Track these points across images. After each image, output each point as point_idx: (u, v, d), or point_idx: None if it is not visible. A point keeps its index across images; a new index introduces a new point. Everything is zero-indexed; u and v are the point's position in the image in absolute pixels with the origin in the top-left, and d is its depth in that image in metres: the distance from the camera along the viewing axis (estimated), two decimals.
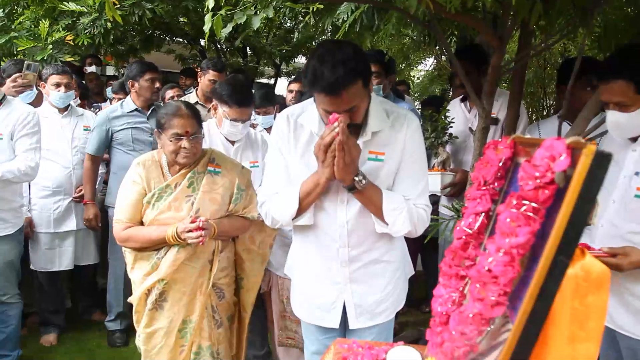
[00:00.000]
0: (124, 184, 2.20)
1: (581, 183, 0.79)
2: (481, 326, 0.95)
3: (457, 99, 3.17)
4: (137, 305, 2.21)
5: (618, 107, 1.68)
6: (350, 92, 1.58)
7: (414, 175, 1.77)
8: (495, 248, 0.90)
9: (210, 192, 2.19)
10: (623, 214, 1.73)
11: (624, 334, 1.78)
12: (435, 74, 11.85)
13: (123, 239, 2.16)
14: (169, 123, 2.11)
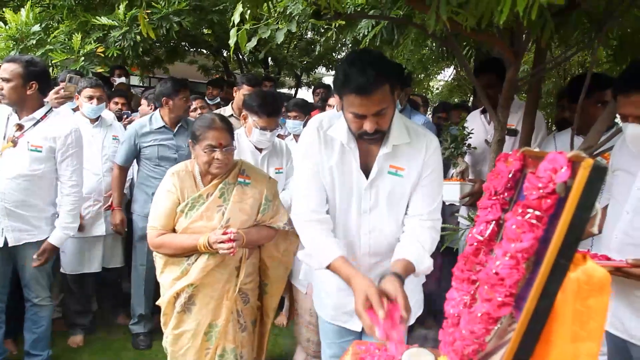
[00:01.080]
0: (158, 193, 2.27)
1: (580, 193, 0.87)
2: (489, 325, 1.02)
3: (477, 111, 3.22)
4: (165, 307, 2.28)
5: (638, 120, 1.71)
6: (379, 94, 1.60)
7: (431, 193, 1.82)
8: (502, 252, 0.98)
9: (240, 202, 2.26)
10: (638, 224, 1.76)
11: (637, 344, 1.81)
12: (454, 84, 11.89)
13: (157, 245, 2.23)
14: (203, 135, 2.19)
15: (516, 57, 2.31)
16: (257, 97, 2.90)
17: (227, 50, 7.43)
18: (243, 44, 2.74)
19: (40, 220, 2.76)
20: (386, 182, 1.80)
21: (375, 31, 2.95)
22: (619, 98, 1.74)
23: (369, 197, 1.82)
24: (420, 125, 1.92)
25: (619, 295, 1.79)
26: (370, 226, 1.86)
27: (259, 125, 2.85)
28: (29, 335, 2.89)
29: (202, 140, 2.19)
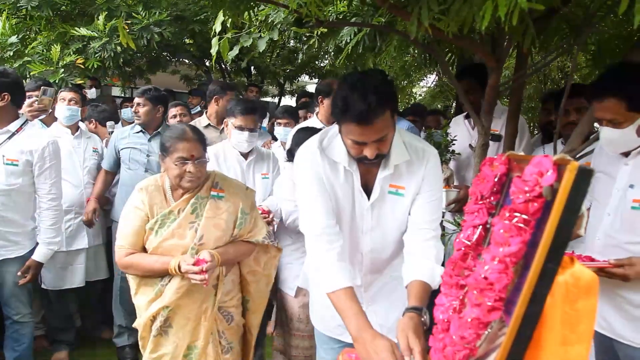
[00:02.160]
0: (126, 210, 2.17)
1: (566, 196, 0.87)
2: (479, 330, 1.02)
3: (460, 116, 3.24)
4: (142, 331, 2.18)
5: (611, 124, 1.75)
6: (381, 121, 1.54)
7: (431, 205, 1.77)
8: (491, 257, 0.98)
9: (214, 217, 2.14)
10: (619, 226, 1.79)
11: (623, 342, 1.83)
12: (437, 91, 12.00)
13: (125, 265, 2.13)
14: (174, 146, 2.08)
15: (498, 63, 2.33)
16: (233, 100, 3.01)
17: (209, 60, 7.41)
18: (225, 52, 2.73)
19: (19, 235, 2.69)
20: (387, 202, 1.77)
21: (357, 38, 2.96)
22: (594, 103, 1.79)
23: (370, 217, 1.78)
24: (416, 138, 1.86)
25: (604, 295, 1.81)
26: (371, 245, 1.83)
27: (235, 125, 2.88)
28: (10, 354, 2.80)
29: (173, 153, 2.08)
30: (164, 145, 2.13)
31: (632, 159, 1.79)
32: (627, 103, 1.69)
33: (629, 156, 1.80)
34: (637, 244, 1.74)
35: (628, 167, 1.79)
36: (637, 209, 1.72)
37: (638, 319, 1.78)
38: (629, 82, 1.70)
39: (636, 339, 1.79)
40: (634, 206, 1.72)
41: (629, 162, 1.79)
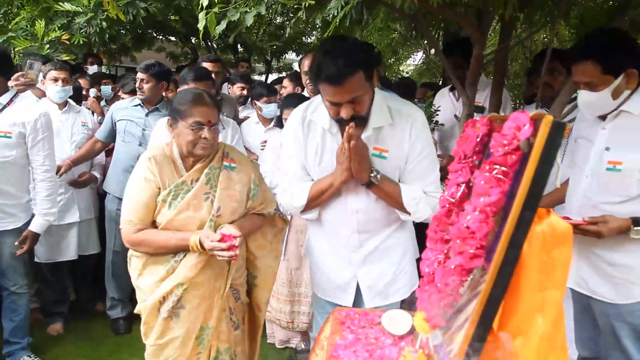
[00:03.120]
0: (133, 181, 2.00)
1: (542, 147, 0.94)
2: (462, 276, 1.09)
3: (445, 89, 3.31)
4: (147, 316, 2.01)
5: (588, 87, 1.82)
6: (352, 82, 1.65)
7: (425, 170, 1.87)
8: (472, 208, 1.05)
9: (227, 188, 2.03)
10: (596, 187, 1.88)
11: (598, 299, 1.93)
12: (424, 68, 12.02)
13: (135, 242, 1.96)
14: (189, 110, 1.94)
15: (482, 34, 2.39)
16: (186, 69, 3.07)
17: (195, 37, 7.33)
18: (212, 27, 2.74)
19: (14, 207, 2.73)
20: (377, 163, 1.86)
21: (345, 11, 2.98)
22: (572, 68, 1.85)
23: None
24: (406, 103, 1.93)
25: (580, 255, 1.91)
26: (358, 206, 1.92)
27: None
28: (8, 324, 2.86)
29: (188, 117, 1.94)
30: (176, 109, 1.98)
31: (609, 122, 1.86)
32: (602, 66, 1.75)
33: (605, 120, 1.87)
34: (611, 204, 1.83)
35: (605, 131, 1.86)
36: (612, 171, 1.80)
37: (611, 277, 1.88)
38: (604, 46, 1.76)
39: (609, 295, 1.89)
40: (609, 167, 1.80)
41: (606, 125, 1.87)
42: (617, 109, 1.82)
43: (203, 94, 2.03)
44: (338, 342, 1.50)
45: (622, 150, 1.79)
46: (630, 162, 1.77)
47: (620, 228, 1.77)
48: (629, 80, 1.78)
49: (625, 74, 1.76)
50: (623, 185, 1.80)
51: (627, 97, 1.80)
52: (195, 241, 1.90)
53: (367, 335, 1.51)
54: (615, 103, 1.80)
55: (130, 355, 3.17)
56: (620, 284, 1.87)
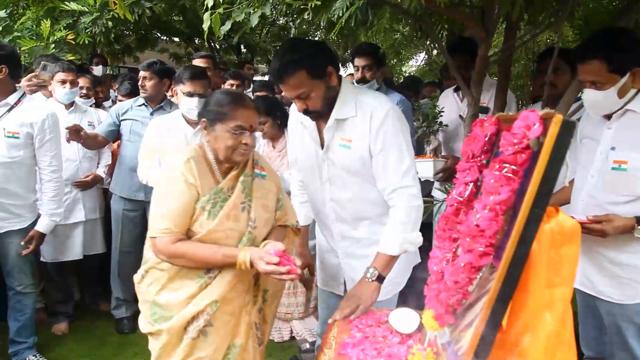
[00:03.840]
0: (169, 185, 1.79)
1: (552, 146, 0.95)
2: (471, 274, 1.10)
3: (449, 89, 3.31)
4: (170, 337, 1.79)
5: (594, 86, 1.81)
6: (292, 80, 1.76)
7: (391, 164, 1.85)
8: (482, 206, 1.06)
9: (262, 198, 1.90)
10: (601, 187, 1.88)
11: (605, 300, 1.93)
12: (426, 69, 12.02)
13: (174, 254, 1.74)
14: (232, 113, 1.78)
15: (488, 34, 2.39)
16: (181, 68, 3.00)
17: (199, 38, 7.35)
18: (217, 27, 2.75)
19: (21, 208, 2.74)
20: (338, 154, 1.91)
21: (350, 12, 2.99)
22: (578, 66, 1.85)
23: (326, 167, 1.96)
24: (375, 97, 1.93)
25: (586, 255, 1.91)
26: (331, 195, 1.99)
27: (184, 92, 2.84)
28: (14, 324, 2.87)
29: (229, 120, 1.78)
30: (215, 111, 1.81)
31: (614, 122, 1.86)
32: (608, 64, 1.75)
33: (611, 119, 1.87)
34: (617, 204, 1.83)
35: (611, 131, 1.86)
36: (617, 170, 1.80)
37: (617, 276, 1.88)
38: (610, 44, 1.76)
39: (615, 295, 1.89)
40: (614, 167, 1.80)
41: (611, 125, 1.87)
42: (623, 108, 1.82)
43: (245, 95, 1.92)
44: (346, 341, 1.51)
45: (628, 149, 1.79)
46: (636, 161, 1.77)
47: (624, 227, 1.77)
48: (635, 79, 1.78)
49: (631, 72, 1.76)
50: (628, 185, 1.80)
51: (632, 96, 1.80)
52: (245, 260, 1.70)
53: (375, 334, 1.52)
54: (621, 102, 1.80)
55: (134, 354, 3.18)
56: (627, 284, 1.86)
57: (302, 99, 1.81)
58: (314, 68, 1.78)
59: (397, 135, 1.84)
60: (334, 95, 1.86)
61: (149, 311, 1.84)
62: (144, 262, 1.89)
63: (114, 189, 3.42)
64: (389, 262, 1.79)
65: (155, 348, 1.84)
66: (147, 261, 1.86)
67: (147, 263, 1.86)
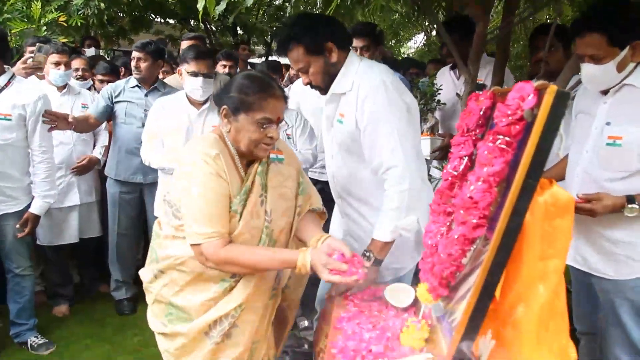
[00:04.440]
0: (204, 183, 1.55)
1: (546, 117, 0.95)
2: (465, 246, 1.11)
3: (446, 68, 3.30)
4: (190, 340, 1.65)
5: (592, 60, 1.76)
6: (293, 55, 1.81)
7: (379, 140, 1.79)
8: (475, 178, 1.06)
9: (278, 186, 1.70)
10: (596, 163, 1.85)
11: (599, 276, 1.91)
12: (425, 50, 11.94)
13: (224, 261, 1.54)
14: (259, 103, 1.58)
15: (485, 11, 2.37)
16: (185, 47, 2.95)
17: (194, 19, 7.26)
18: (212, 7, 2.71)
19: (17, 190, 2.73)
20: (337, 129, 1.92)
21: None
22: (577, 40, 1.80)
23: (330, 142, 1.98)
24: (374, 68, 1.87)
25: (580, 232, 1.89)
26: (334, 169, 2.01)
27: (188, 71, 2.79)
28: (14, 306, 2.89)
29: (256, 111, 1.57)
30: (240, 100, 1.59)
31: (610, 96, 1.83)
32: (608, 37, 1.70)
33: (607, 94, 1.84)
34: (612, 181, 1.80)
35: (606, 105, 1.83)
36: (612, 146, 1.77)
37: (612, 253, 1.86)
38: (610, 17, 1.72)
39: (609, 272, 1.87)
40: (609, 142, 1.77)
41: (607, 100, 1.83)
42: (621, 82, 1.78)
43: (274, 83, 1.67)
44: (342, 315, 1.52)
45: (623, 124, 1.76)
46: (631, 136, 1.73)
47: (614, 206, 1.74)
48: (635, 52, 1.73)
49: (631, 46, 1.72)
50: (623, 161, 1.77)
51: (632, 70, 1.76)
52: (305, 265, 1.49)
53: (371, 308, 1.53)
54: (620, 76, 1.76)
55: (134, 335, 3.20)
56: (622, 261, 1.84)
57: (304, 73, 1.85)
58: (311, 44, 1.78)
59: (385, 109, 1.76)
60: (335, 71, 1.85)
61: (163, 311, 1.70)
62: (153, 260, 1.72)
63: (109, 172, 3.40)
64: (384, 247, 1.77)
65: (168, 348, 1.70)
66: (159, 260, 1.69)
67: (160, 262, 1.68)
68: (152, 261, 1.73)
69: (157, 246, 1.72)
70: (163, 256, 1.67)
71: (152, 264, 1.73)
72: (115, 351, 3.01)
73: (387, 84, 1.78)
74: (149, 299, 1.78)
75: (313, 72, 1.83)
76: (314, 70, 1.83)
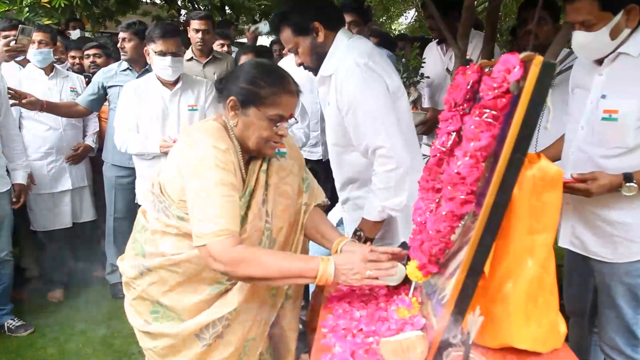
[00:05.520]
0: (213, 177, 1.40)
1: (532, 89, 0.93)
2: (453, 222, 1.10)
3: (433, 43, 3.25)
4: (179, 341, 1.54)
5: (584, 27, 1.66)
6: (283, 36, 1.85)
7: (361, 122, 1.77)
8: (462, 153, 1.05)
9: (279, 183, 1.58)
10: (591, 139, 1.76)
11: (595, 259, 1.84)
12: (416, 26, 11.83)
13: (236, 260, 1.36)
14: (273, 99, 1.46)
15: None
16: (152, 26, 2.84)
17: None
18: None
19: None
20: (326, 112, 1.94)
21: None
22: (567, 6, 1.69)
23: (327, 126, 1.98)
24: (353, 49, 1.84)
25: (575, 213, 1.83)
26: (329, 154, 2.03)
27: (156, 51, 2.68)
28: None
29: (269, 106, 1.46)
30: (251, 91, 1.47)
31: (605, 67, 1.72)
32: (599, 2, 1.59)
33: (602, 65, 1.73)
34: (608, 158, 1.71)
35: (602, 77, 1.73)
36: (607, 120, 1.67)
37: (610, 235, 1.78)
38: None
39: (606, 254, 1.80)
40: (604, 117, 1.68)
41: (602, 71, 1.73)
42: (615, 51, 1.67)
43: (288, 76, 1.53)
44: (333, 294, 1.52)
45: (619, 97, 1.66)
46: (627, 108, 1.64)
47: (610, 185, 1.63)
48: (629, 17, 1.62)
49: (625, 10, 1.61)
50: (619, 136, 1.67)
51: (626, 37, 1.65)
52: (329, 275, 1.35)
53: (362, 287, 1.53)
54: (614, 44, 1.65)
55: None
56: (619, 243, 1.76)
57: (295, 54, 1.87)
58: (297, 24, 1.81)
59: (363, 92, 1.74)
60: (323, 51, 1.85)
61: (147, 308, 1.58)
62: (139, 255, 1.57)
63: (105, 157, 3.36)
64: (373, 226, 1.80)
65: (153, 347, 1.58)
66: (146, 255, 1.54)
67: (148, 260, 1.54)
68: (137, 255, 1.57)
69: (143, 241, 1.56)
70: (152, 252, 1.53)
71: (138, 259, 1.57)
72: (111, 335, 3.02)
73: (361, 65, 1.75)
74: (129, 294, 1.63)
75: (302, 53, 1.84)
76: (302, 51, 1.84)
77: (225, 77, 1.56)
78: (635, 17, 1.62)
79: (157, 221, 1.52)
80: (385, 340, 1.14)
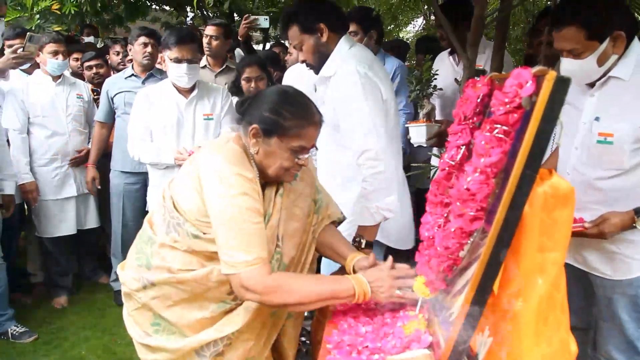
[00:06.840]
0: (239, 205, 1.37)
1: (544, 104, 0.91)
2: (462, 239, 1.07)
3: (445, 53, 3.23)
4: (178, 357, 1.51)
5: (572, 55, 1.66)
6: (290, 33, 1.98)
7: (353, 126, 1.88)
8: (472, 169, 1.02)
9: (291, 207, 1.56)
10: (586, 160, 1.76)
11: (598, 275, 1.84)
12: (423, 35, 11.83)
13: (271, 289, 1.35)
14: (298, 130, 1.44)
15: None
16: (166, 32, 2.84)
17: (190, 6, 7.15)
18: None
19: None
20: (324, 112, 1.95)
21: None
22: (554, 34, 1.69)
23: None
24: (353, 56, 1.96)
25: None
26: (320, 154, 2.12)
27: (171, 58, 2.66)
28: None
29: (293, 138, 1.44)
30: (275, 122, 1.44)
31: (597, 90, 1.72)
32: (586, 31, 1.60)
33: (594, 87, 1.73)
34: (604, 179, 1.72)
35: (594, 99, 1.73)
36: (602, 143, 1.67)
37: (611, 252, 1.78)
38: (587, 9, 1.60)
39: (608, 271, 1.81)
40: (600, 140, 1.68)
41: (594, 93, 1.73)
42: (605, 75, 1.68)
43: (313, 106, 1.51)
44: (339, 308, 1.50)
45: (613, 120, 1.66)
46: (622, 132, 1.64)
47: (622, 223, 1.66)
48: (616, 44, 1.62)
49: (612, 37, 1.61)
50: (615, 158, 1.68)
51: (614, 62, 1.65)
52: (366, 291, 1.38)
53: (367, 302, 1.50)
54: (602, 70, 1.66)
55: None
56: (620, 260, 1.77)
57: (300, 51, 2.00)
58: (304, 23, 1.95)
59: (359, 96, 1.86)
60: (325, 51, 1.99)
61: (148, 319, 1.55)
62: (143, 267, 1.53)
63: (114, 165, 3.36)
64: (371, 230, 1.89)
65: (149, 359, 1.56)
66: (151, 268, 1.51)
67: (153, 273, 1.50)
68: (141, 267, 1.54)
69: (150, 253, 1.53)
70: (158, 266, 1.49)
71: (141, 271, 1.53)
72: (114, 342, 3.01)
73: (361, 73, 1.89)
74: (130, 304, 1.60)
75: (306, 50, 1.98)
76: (307, 48, 1.98)
77: (247, 101, 1.53)
78: (621, 43, 1.63)
79: (166, 235, 1.49)
80: (391, 358, 1.11)
